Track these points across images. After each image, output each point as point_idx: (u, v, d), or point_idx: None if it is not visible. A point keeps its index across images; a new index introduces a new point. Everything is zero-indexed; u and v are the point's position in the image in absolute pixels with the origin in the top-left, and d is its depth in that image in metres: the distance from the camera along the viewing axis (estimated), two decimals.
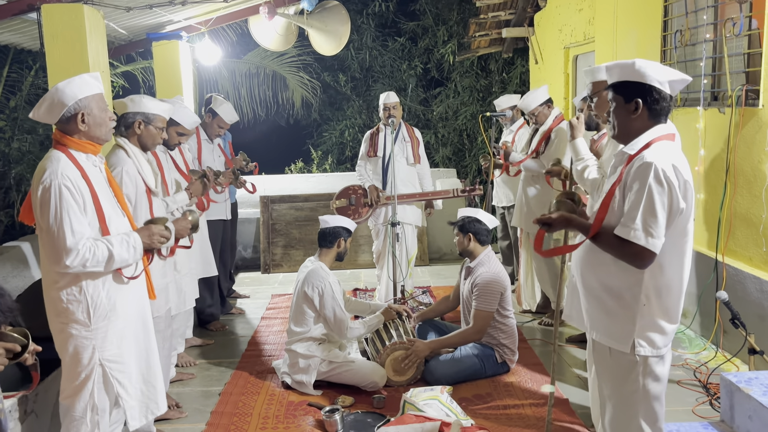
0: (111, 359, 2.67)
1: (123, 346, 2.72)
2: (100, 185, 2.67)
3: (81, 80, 2.61)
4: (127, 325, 2.75)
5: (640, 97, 2.25)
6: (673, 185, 2.15)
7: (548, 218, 2.37)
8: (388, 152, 5.39)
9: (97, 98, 2.65)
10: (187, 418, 3.68)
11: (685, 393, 3.78)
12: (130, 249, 2.63)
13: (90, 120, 2.62)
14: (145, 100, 3.35)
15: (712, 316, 4.41)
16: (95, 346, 2.63)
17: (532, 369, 4.20)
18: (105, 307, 2.64)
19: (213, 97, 5.21)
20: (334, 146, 12.09)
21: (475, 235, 4.14)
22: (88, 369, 2.63)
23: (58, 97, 2.57)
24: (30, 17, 4.79)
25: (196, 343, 4.82)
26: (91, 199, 2.58)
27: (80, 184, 2.55)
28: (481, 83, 11.18)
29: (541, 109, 4.96)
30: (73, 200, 2.51)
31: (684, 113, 4.80)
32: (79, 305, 2.59)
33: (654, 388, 2.32)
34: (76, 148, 2.63)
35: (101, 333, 2.64)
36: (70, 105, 2.57)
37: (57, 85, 2.59)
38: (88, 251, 2.50)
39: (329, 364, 3.91)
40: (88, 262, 2.50)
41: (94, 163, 2.70)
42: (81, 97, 2.59)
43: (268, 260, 7.18)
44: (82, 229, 2.51)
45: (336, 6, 7.56)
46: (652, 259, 2.19)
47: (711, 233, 4.51)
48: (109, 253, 2.55)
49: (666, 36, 5.05)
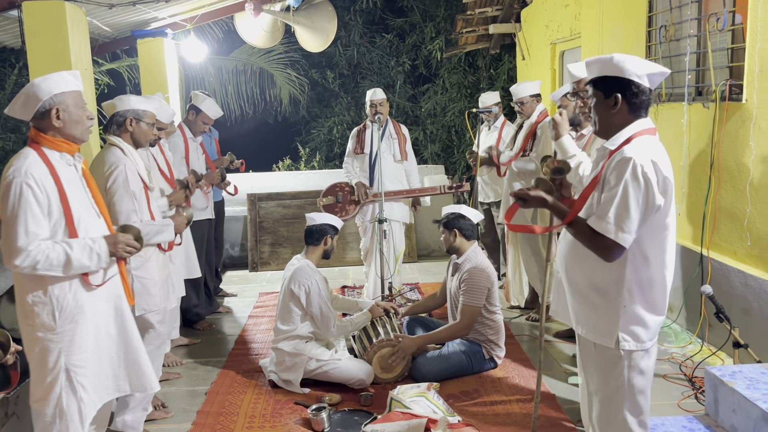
0: (78, 364, 2.57)
1: (90, 349, 2.61)
2: (73, 185, 2.59)
3: (58, 76, 2.57)
4: (97, 329, 2.65)
5: (619, 92, 2.26)
6: (650, 181, 2.16)
7: (525, 194, 2.38)
8: (374, 149, 5.38)
9: (75, 95, 2.59)
10: (173, 418, 3.66)
11: (671, 387, 3.79)
12: (93, 255, 2.52)
13: (65, 116, 2.55)
14: (133, 98, 3.40)
15: (697, 310, 4.44)
16: (61, 349, 2.53)
17: (519, 364, 4.21)
18: (72, 310, 2.55)
19: (193, 94, 5.17)
20: (323, 143, 12.06)
21: (461, 231, 4.14)
22: (54, 373, 2.54)
23: (33, 91, 2.51)
24: (11, 15, 4.74)
25: (182, 342, 4.79)
26: (59, 199, 2.50)
27: (47, 183, 2.47)
28: (468, 79, 11.18)
29: (530, 100, 4.98)
30: (34, 199, 2.43)
31: (669, 108, 4.81)
32: (45, 307, 2.51)
33: (639, 382, 2.33)
34: (50, 146, 2.56)
35: (67, 337, 2.54)
36: (45, 100, 2.51)
37: (33, 81, 2.54)
38: (40, 253, 2.40)
39: (316, 362, 3.90)
40: (39, 264, 2.41)
41: (69, 163, 2.62)
42: (57, 92, 2.53)
43: (255, 258, 7.15)
44: (37, 230, 2.43)
45: (322, 3, 7.54)
46: (620, 253, 2.21)
47: (696, 228, 4.53)
48: (66, 257, 2.45)
49: (651, 31, 5.07)
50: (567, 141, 3.42)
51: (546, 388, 3.82)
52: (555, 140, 3.47)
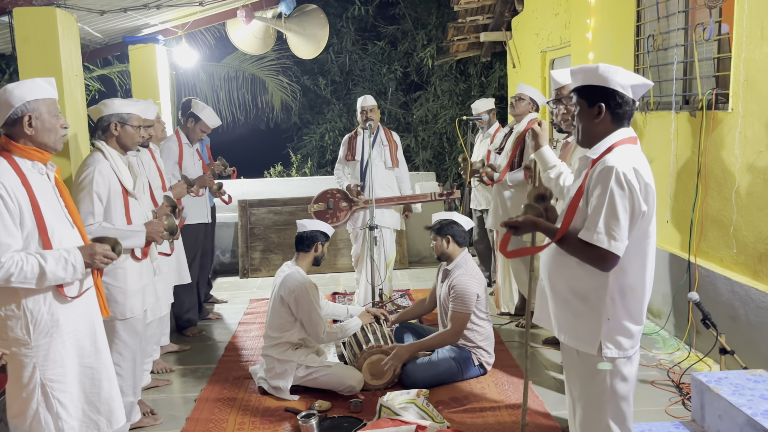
0: (53, 378, 2.50)
1: (67, 364, 2.53)
2: (46, 195, 2.52)
3: (32, 83, 2.51)
4: (73, 343, 2.57)
5: (603, 102, 2.28)
6: (634, 188, 2.19)
7: (515, 221, 2.40)
8: (366, 156, 5.40)
9: (49, 103, 2.53)
10: (162, 425, 3.65)
11: (659, 393, 3.82)
12: (68, 267, 2.44)
13: (38, 124, 2.49)
14: (117, 101, 3.34)
15: (685, 316, 4.47)
16: (36, 364, 2.45)
17: (508, 371, 4.22)
18: (47, 324, 2.47)
19: (193, 102, 5.18)
20: (314, 150, 12.07)
21: (453, 237, 4.16)
22: (29, 389, 2.46)
23: (6, 97, 2.46)
24: (2, 21, 4.73)
25: (172, 349, 4.78)
26: (31, 209, 2.43)
27: (18, 192, 2.40)
28: (460, 87, 11.24)
29: (527, 100, 4.99)
30: (5, 209, 2.36)
31: (656, 117, 4.86)
32: (18, 321, 2.43)
33: (621, 389, 2.35)
34: (21, 154, 2.49)
35: (42, 351, 2.46)
36: (17, 106, 2.45)
37: (6, 86, 2.48)
38: (14, 265, 2.33)
39: (306, 369, 3.90)
40: (13, 276, 2.33)
41: (41, 171, 2.56)
42: (30, 99, 2.47)
43: (246, 265, 7.14)
44: (9, 241, 2.35)
45: (314, 10, 7.57)
46: (615, 262, 2.22)
47: (683, 235, 4.57)
48: (40, 269, 2.37)
49: (639, 40, 5.12)
50: (547, 151, 3.41)
51: (535, 395, 3.84)
52: (534, 150, 3.46)
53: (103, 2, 5.08)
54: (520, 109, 5.01)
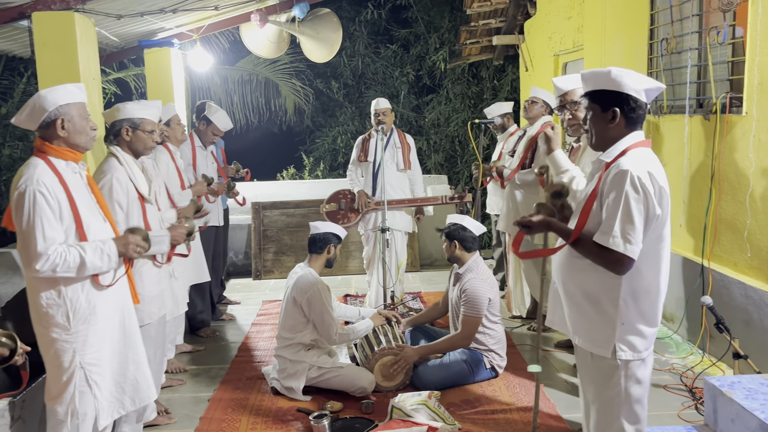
0: (91, 362, 2.68)
1: (102, 348, 2.73)
2: (80, 192, 2.69)
3: (63, 88, 2.67)
4: (107, 328, 2.76)
5: (618, 106, 2.29)
6: (648, 192, 2.20)
7: (528, 221, 2.41)
8: (378, 158, 5.43)
9: (79, 106, 2.69)
10: (176, 424, 3.69)
11: (671, 397, 3.81)
12: (104, 257, 2.62)
13: (70, 126, 2.65)
14: (130, 106, 3.35)
15: (698, 321, 4.45)
16: (75, 349, 2.64)
17: (520, 375, 4.22)
18: (85, 311, 2.65)
19: (207, 105, 5.24)
20: (327, 153, 12.12)
21: (461, 242, 4.16)
22: (69, 372, 2.64)
23: (40, 102, 2.61)
24: (21, 25, 4.80)
25: (186, 349, 4.83)
26: (69, 206, 2.59)
27: (57, 190, 2.57)
28: (472, 90, 11.24)
29: (541, 103, 5.00)
30: (47, 206, 2.53)
31: (670, 120, 4.85)
32: (59, 309, 2.61)
33: (636, 391, 2.35)
34: (56, 155, 2.65)
35: (81, 337, 2.65)
36: (50, 110, 2.61)
37: (39, 92, 2.64)
38: (59, 257, 2.51)
39: (318, 370, 3.93)
40: (58, 267, 2.51)
41: (74, 170, 2.72)
42: (62, 103, 2.63)
43: (259, 266, 7.19)
44: (53, 234, 2.53)
45: (328, 14, 7.61)
46: (630, 265, 2.23)
47: (697, 239, 4.55)
48: (81, 259, 2.55)
49: (653, 44, 5.12)
50: (559, 155, 3.43)
51: (546, 398, 3.84)
52: (547, 155, 3.48)
53: (120, 7, 5.15)
54: (533, 113, 5.02)
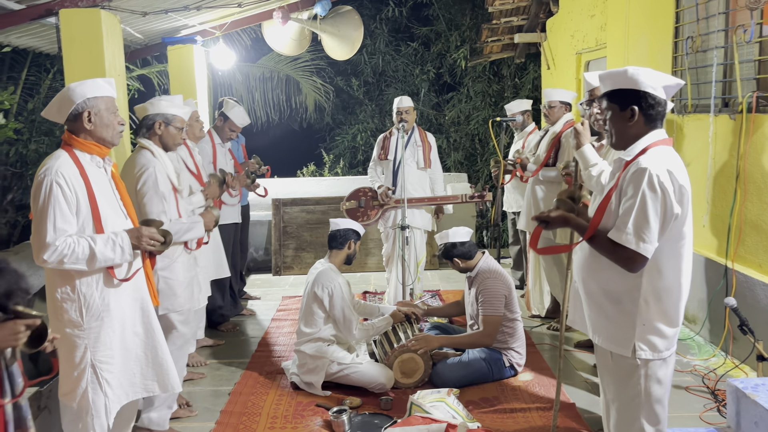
0: (102, 360, 2.65)
1: (114, 346, 2.69)
2: (102, 187, 2.68)
3: (93, 82, 2.68)
4: (121, 325, 2.72)
5: (636, 104, 2.29)
6: (667, 191, 2.18)
7: (546, 216, 2.40)
8: (398, 156, 5.43)
9: (107, 100, 2.70)
10: (197, 417, 3.73)
11: (693, 399, 3.77)
12: (116, 248, 2.59)
13: (97, 120, 2.66)
14: (164, 102, 3.47)
15: (721, 322, 4.40)
16: (87, 345, 2.62)
17: (539, 373, 4.21)
18: (98, 308, 2.63)
19: (225, 101, 5.29)
20: (346, 150, 12.16)
21: (461, 257, 4.19)
22: (80, 368, 2.62)
23: (68, 95, 2.63)
24: (48, 22, 4.88)
25: (207, 343, 4.88)
26: (87, 199, 2.59)
27: (76, 183, 2.57)
28: (493, 88, 11.20)
29: (559, 106, 5.00)
30: (63, 198, 2.52)
31: (695, 119, 4.80)
32: (72, 304, 2.60)
33: (656, 391, 2.33)
34: (81, 148, 2.66)
35: (93, 333, 2.63)
36: (78, 103, 2.62)
37: (69, 85, 2.66)
38: (67, 248, 2.49)
39: (338, 366, 3.95)
40: (66, 258, 2.49)
41: (99, 165, 2.72)
42: (90, 96, 2.64)
43: (279, 262, 7.23)
44: (65, 227, 2.51)
45: (349, 11, 7.63)
46: (643, 264, 2.22)
47: (721, 239, 4.50)
48: (90, 250, 2.52)
49: (677, 42, 5.06)
50: (588, 150, 3.42)
51: (566, 398, 3.82)
52: (576, 149, 3.47)
53: (145, 4, 5.21)
54: (555, 116, 5.02)
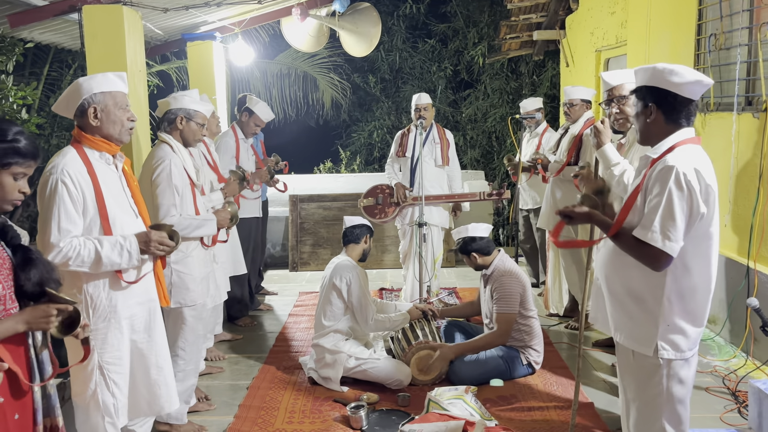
0: (110, 361, 2.62)
1: (122, 348, 2.66)
2: (111, 185, 2.62)
3: (102, 76, 2.61)
4: (129, 327, 2.69)
5: (655, 102, 2.29)
6: (693, 189, 2.16)
7: (570, 211, 2.39)
8: (416, 153, 5.43)
9: (116, 96, 2.62)
10: (216, 411, 3.76)
11: (714, 400, 3.74)
12: (123, 253, 2.52)
13: (103, 116, 2.58)
14: (186, 98, 3.46)
15: (742, 323, 4.36)
16: (94, 347, 2.56)
17: (557, 372, 4.19)
18: (105, 309, 2.59)
19: (248, 97, 5.33)
20: (363, 147, 12.17)
21: (478, 252, 4.17)
22: (88, 370, 2.58)
23: (75, 89, 2.58)
24: (71, 17, 4.94)
25: (225, 338, 4.92)
26: (95, 198, 2.53)
27: (83, 181, 2.51)
28: (511, 85, 11.15)
29: (580, 104, 4.98)
30: (68, 197, 2.46)
31: (717, 118, 4.74)
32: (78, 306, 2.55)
33: (678, 392, 2.31)
34: (90, 145, 2.60)
35: (101, 335, 2.59)
36: (84, 98, 2.56)
37: (78, 80, 2.60)
38: (72, 250, 2.43)
39: (355, 361, 3.96)
40: (71, 261, 2.44)
41: (108, 162, 2.66)
42: (97, 91, 2.58)
43: (296, 258, 7.26)
44: (69, 227, 2.46)
45: (367, 8, 7.63)
46: (668, 262, 2.20)
47: (743, 240, 4.45)
48: (96, 254, 2.47)
49: (700, 40, 5.00)
50: (609, 149, 3.39)
51: (584, 397, 3.81)
52: (597, 149, 3.44)
53: (167, 0, 5.25)
54: (576, 114, 4.99)
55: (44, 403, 1.94)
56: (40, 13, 4.82)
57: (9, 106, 5.23)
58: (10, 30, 5.21)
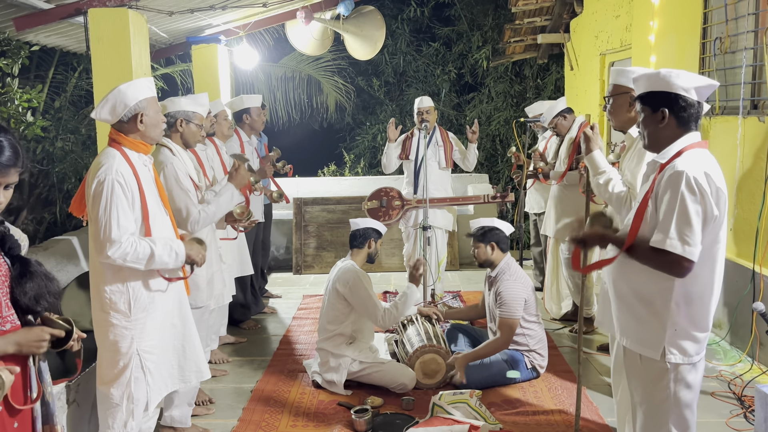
0: (146, 350, 2.79)
1: (157, 337, 2.83)
2: (148, 184, 2.81)
3: (140, 84, 2.79)
4: (165, 317, 2.88)
5: (667, 107, 2.26)
6: (705, 192, 2.15)
7: (582, 236, 2.37)
8: (420, 156, 5.43)
9: (152, 101, 2.82)
10: (219, 414, 3.76)
11: (719, 405, 3.72)
12: (172, 253, 2.73)
13: (147, 120, 2.77)
14: (183, 100, 3.54)
15: (748, 327, 4.34)
16: (134, 336, 2.75)
17: (561, 376, 4.18)
18: (145, 300, 2.77)
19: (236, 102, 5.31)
20: (367, 150, 12.16)
21: (498, 244, 4.15)
22: (127, 358, 2.74)
23: (120, 97, 2.72)
24: (77, 21, 4.96)
25: (229, 340, 4.92)
26: (139, 197, 2.71)
27: (131, 181, 2.69)
28: (515, 89, 11.15)
29: (557, 120, 4.99)
30: (124, 196, 2.64)
31: (722, 121, 4.73)
32: (122, 296, 2.72)
33: (685, 396, 2.30)
34: (130, 146, 2.77)
35: (140, 324, 2.76)
36: (131, 105, 2.73)
37: (119, 87, 2.74)
38: (130, 246, 2.61)
39: (360, 365, 3.95)
40: (128, 256, 2.61)
41: (144, 163, 2.83)
42: (141, 98, 2.75)
43: (299, 261, 7.26)
44: (127, 224, 2.64)
45: (372, 11, 7.64)
46: (690, 267, 2.17)
47: (748, 244, 4.43)
48: (150, 252, 2.65)
49: (705, 43, 4.99)
50: (598, 156, 3.36)
51: (588, 401, 3.79)
52: (585, 155, 3.42)
53: (172, 3, 5.27)
54: (564, 127, 5.02)
55: (43, 411, 1.95)
56: (45, 16, 4.84)
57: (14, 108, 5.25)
58: (15, 33, 5.23)
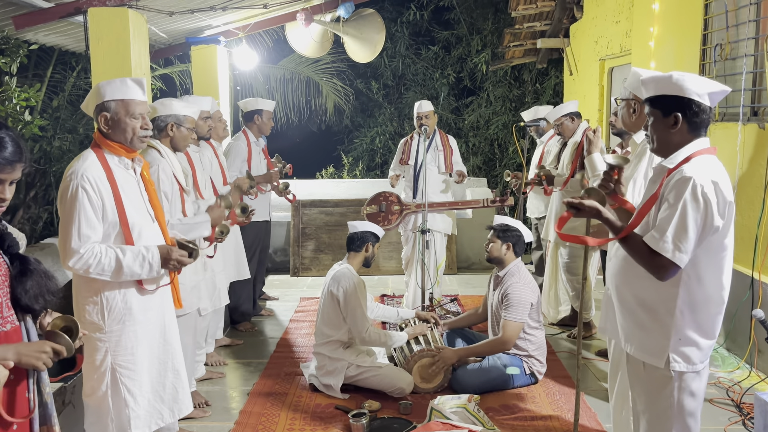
0: (123, 365, 2.62)
1: (137, 352, 2.65)
2: (129, 189, 2.62)
3: (120, 82, 2.59)
4: (145, 331, 2.68)
5: (680, 111, 2.22)
6: (710, 202, 2.13)
7: (579, 203, 2.28)
8: (419, 160, 5.42)
9: (130, 104, 2.58)
10: (216, 417, 3.73)
11: (718, 412, 3.71)
12: (144, 264, 2.52)
13: (112, 123, 2.57)
14: (175, 103, 3.43)
15: (746, 334, 4.33)
16: (108, 349, 2.59)
17: (560, 381, 4.17)
18: (120, 312, 2.59)
19: (249, 102, 5.29)
20: (365, 153, 12.16)
21: (514, 246, 4.12)
22: (100, 371, 2.60)
23: (93, 93, 2.60)
24: (76, 20, 4.94)
25: (225, 342, 4.89)
26: (113, 202, 2.53)
27: (102, 185, 2.50)
28: (514, 93, 11.15)
29: (563, 120, 4.96)
30: (88, 202, 2.46)
31: (723, 128, 4.73)
32: (95, 307, 2.56)
33: (689, 404, 2.29)
34: (109, 149, 2.60)
35: (114, 337, 2.59)
36: (98, 103, 2.58)
37: (100, 83, 2.61)
38: (93, 257, 2.44)
39: (357, 368, 3.93)
40: (92, 268, 2.45)
41: (127, 167, 2.65)
42: (108, 99, 2.56)
43: (297, 264, 7.24)
44: (89, 233, 2.46)
45: (372, 14, 7.64)
46: (675, 273, 2.17)
47: (747, 251, 4.43)
48: (117, 263, 2.48)
49: (705, 50, 4.99)
50: (596, 158, 3.38)
51: (587, 406, 3.78)
52: (587, 155, 3.43)
53: (172, 4, 5.26)
54: (569, 130, 4.99)
55: (41, 412, 1.93)
56: (45, 15, 4.82)
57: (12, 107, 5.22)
58: (14, 32, 5.21)
